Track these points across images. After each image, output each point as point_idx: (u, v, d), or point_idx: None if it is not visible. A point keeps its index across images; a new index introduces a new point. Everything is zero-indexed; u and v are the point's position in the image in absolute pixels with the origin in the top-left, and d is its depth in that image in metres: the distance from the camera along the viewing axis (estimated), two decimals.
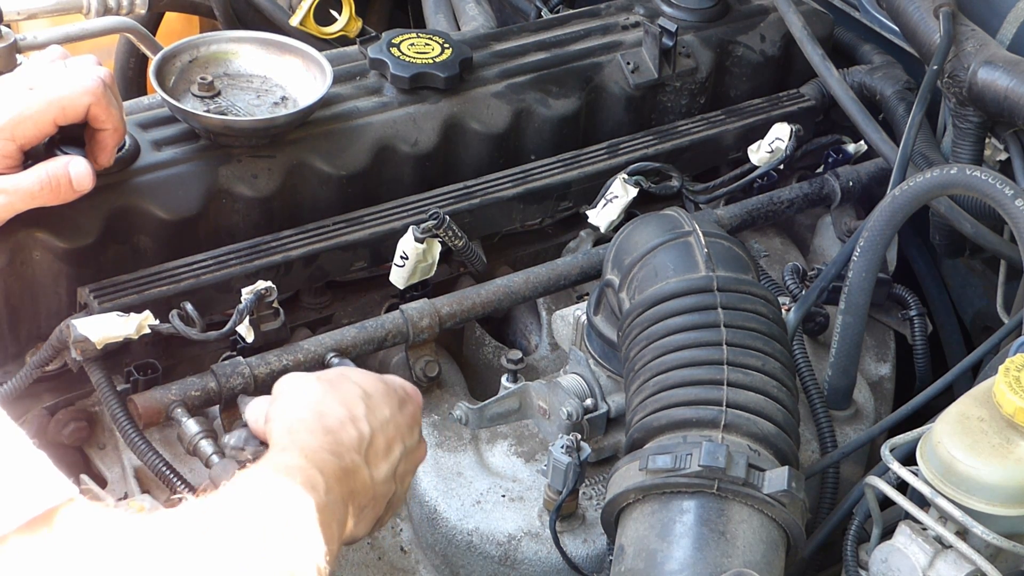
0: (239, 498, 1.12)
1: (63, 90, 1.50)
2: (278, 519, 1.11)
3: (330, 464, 1.20)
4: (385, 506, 1.31)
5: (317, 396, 1.28)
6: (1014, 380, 1.26)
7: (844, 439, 1.70)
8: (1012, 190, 1.50)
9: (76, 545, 1.02)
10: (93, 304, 1.55)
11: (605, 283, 1.58)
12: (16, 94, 1.50)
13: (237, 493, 1.12)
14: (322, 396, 1.28)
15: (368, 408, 1.29)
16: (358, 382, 1.32)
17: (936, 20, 1.78)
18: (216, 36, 1.79)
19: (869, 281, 1.64)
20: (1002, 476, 1.25)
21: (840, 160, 1.99)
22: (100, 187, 1.57)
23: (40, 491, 1.03)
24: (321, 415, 1.25)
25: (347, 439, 1.24)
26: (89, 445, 1.62)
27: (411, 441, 1.34)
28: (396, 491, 1.32)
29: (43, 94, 1.50)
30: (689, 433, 1.37)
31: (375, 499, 1.28)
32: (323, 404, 1.27)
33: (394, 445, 1.30)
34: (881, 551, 1.35)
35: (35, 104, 1.49)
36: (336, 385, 1.30)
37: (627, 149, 1.90)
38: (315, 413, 1.25)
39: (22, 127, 1.48)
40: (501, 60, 1.91)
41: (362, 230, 1.71)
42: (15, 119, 1.48)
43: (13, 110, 1.48)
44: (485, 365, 1.81)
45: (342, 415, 1.26)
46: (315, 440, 1.22)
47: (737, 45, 2.02)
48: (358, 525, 1.26)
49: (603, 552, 1.53)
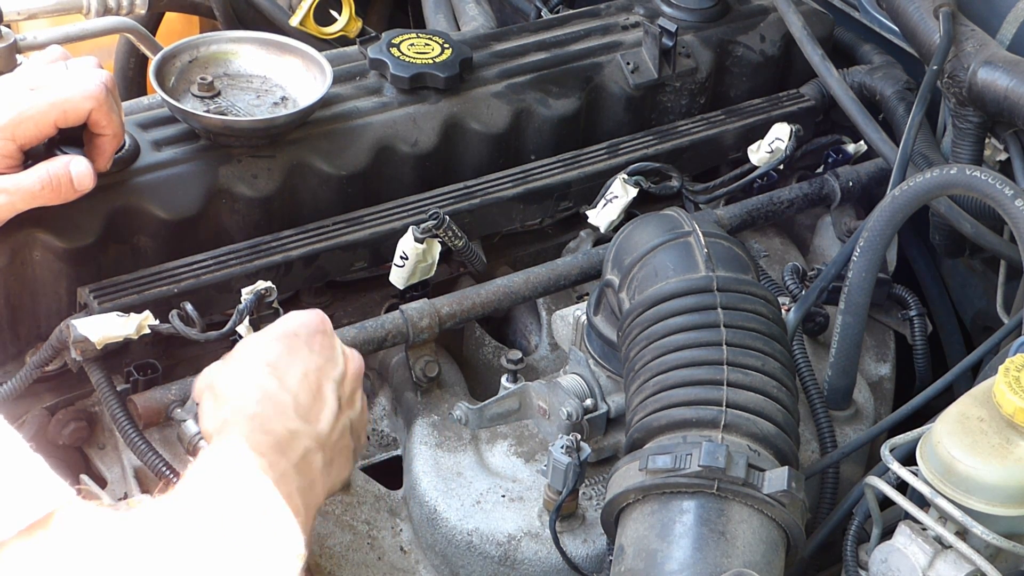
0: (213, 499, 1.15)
1: (65, 93, 1.50)
2: (253, 509, 1.15)
3: (265, 443, 1.22)
4: (352, 435, 1.35)
5: (231, 389, 1.30)
6: (1014, 380, 1.26)
7: (844, 439, 1.70)
8: (1012, 190, 1.50)
9: (74, 547, 1.03)
10: (93, 304, 1.55)
11: (605, 283, 1.58)
12: (17, 94, 1.50)
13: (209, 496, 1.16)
14: (236, 386, 1.30)
15: (278, 379, 1.30)
16: (260, 357, 1.33)
17: (936, 20, 1.78)
18: (216, 36, 1.79)
19: (869, 281, 1.64)
20: (1002, 476, 1.25)
21: (840, 160, 1.99)
22: (100, 187, 1.57)
23: (38, 495, 1.03)
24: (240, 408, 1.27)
25: (274, 413, 1.27)
26: (89, 445, 1.62)
27: (336, 369, 1.36)
28: (352, 417, 1.36)
29: (45, 96, 1.50)
30: (689, 433, 1.37)
31: (337, 444, 1.31)
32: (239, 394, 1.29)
33: (322, 389, 1.32)
34: (881, 551, 1.35)
35: (36, 105, 1.49)
36: (242, 371, 1.32)
37: (627, 149, 1.90)
38: (235, 407, 1.27)
39: (23, 127, 1.48)
40: (501, 60, 1.91)
41: (362, 230, 1.71)
42: (16, 119, 1.48)
43: (14, 110, 1.48)
44: (485, 365, 1.81)
45: (259, 395, 1.28)
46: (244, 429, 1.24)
47: (737, 45, 2.02)
48: (336, 472, 1.31)
49: (603, 552, 1.53)
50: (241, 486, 1.18)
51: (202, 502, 1.15)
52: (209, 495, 1.16)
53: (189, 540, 1.10)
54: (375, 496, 1.62)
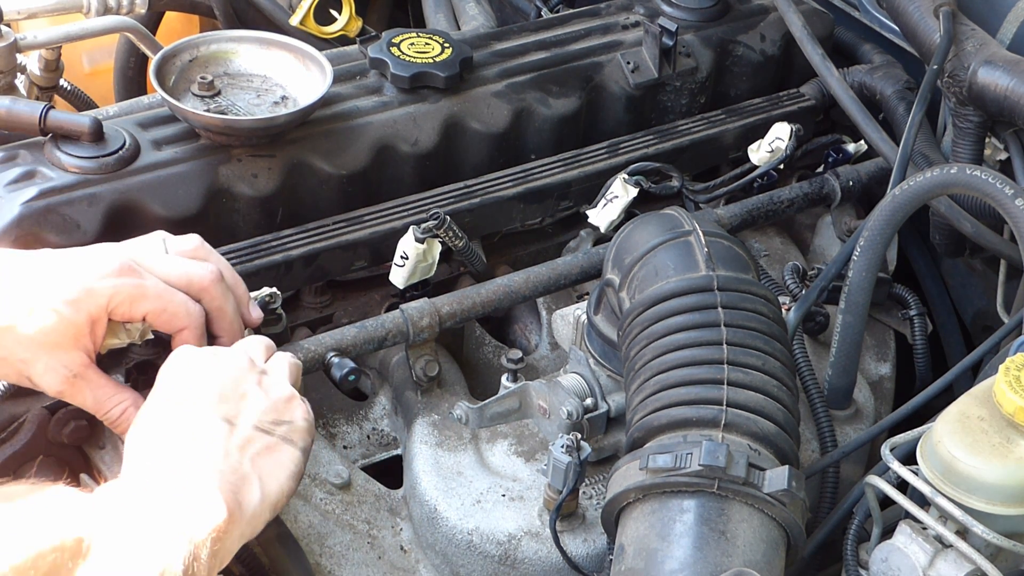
0: None
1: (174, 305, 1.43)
2: None
3: None
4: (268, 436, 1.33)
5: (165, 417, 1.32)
6: (1014, 379, 1.26)
7: (844, 439, 1.70)
8: (1012, 189, 1.50)
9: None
10: None
11: (605, 282, 1.58)
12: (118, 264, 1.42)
13: None
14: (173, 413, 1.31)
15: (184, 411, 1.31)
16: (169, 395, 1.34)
17: (936, 20, 1.78)
18: (216, 35, 1.79)
19: (869, 280, 1.64)
20: (1002, 475, 1.25)
21: (840, 160, 1.99)
22: (100, 186, 1.57)
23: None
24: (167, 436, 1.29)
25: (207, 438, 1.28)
26: (89, 445, 1.62)
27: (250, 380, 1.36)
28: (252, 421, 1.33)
29: (154, 290, 1.42)
30: (689, 432, 1.37)
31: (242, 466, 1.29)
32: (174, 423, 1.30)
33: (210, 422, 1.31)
34: (881, 550, 1.35)
35: (147, 292, 1.41)
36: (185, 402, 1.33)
37: (627, 149, 1.90)
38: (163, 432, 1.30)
39: (119, 308, 1.40)
40: (501, 60, 1.91)
41: (362, 229, 1.71)
42: (117, 296, 1.40)
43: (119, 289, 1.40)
44: (485, 365, 1.81)
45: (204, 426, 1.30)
46: None
47: (737, 45, 2.02)
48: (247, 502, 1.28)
49: (603, 551, 1.53)
50: None
51: None
52: None
53: None
54: (375, 495, 1.62)
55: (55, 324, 1.37)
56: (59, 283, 1.38)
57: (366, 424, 1.71)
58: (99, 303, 1.39)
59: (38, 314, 1.36)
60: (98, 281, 1.38)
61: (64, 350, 1.38)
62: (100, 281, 1.38)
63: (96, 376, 1.42)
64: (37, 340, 1.37)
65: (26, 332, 1.36)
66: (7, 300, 1.37)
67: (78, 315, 1.38)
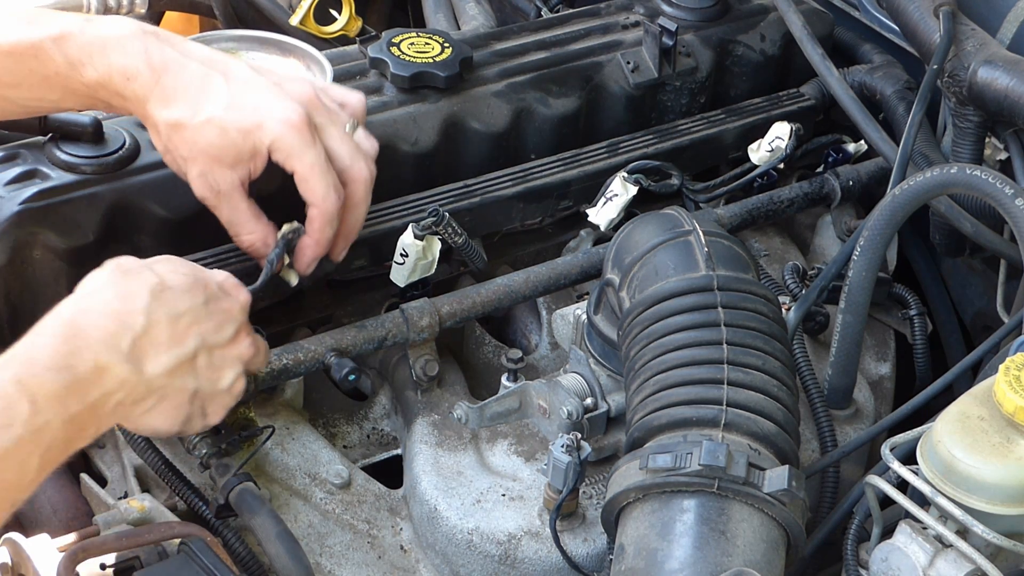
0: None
1: None
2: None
3: (47, 385, 1.21)
4: (191, 401, 1.34)
5: (93, 288, 1.31)
6: (1014, 379, 1.26)
7: (844, 438, 1.70)
8: (1012, 189, 1.50)
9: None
10: None
11: (605, 282, 1.58)
12: None
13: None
14: (100, 288, 1.31)
15: (154, 299, 1.30)
16: (158, 272, 1.33)
17: (936, 19, 1.78)
18: (216, 35, 1.79)
19: (869, 280, 1.64)
20: (1002, 475, 1.25)
21: (840, 159, 1.99)
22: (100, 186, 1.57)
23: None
24: (81, 312, 1.27)
25: (98, 336, 1.26)
26: (89, 445, 1.62)
27: (217, 336, 1.35)
28: (200, 386, 1.35)
29: (310, 159, 1.48)
30: (689, 432, 1.37)
31: (154, 392, 1.30)
32: (92, 299, 1.29)
33: (185, 337, 1.32)
34: (881, 550, 1.35)
35: None
36: (128, 275, 1.32)
37: (627, 148, 1.90)
38: (77, 310, 1.28)
39: (275, 155, 1.48)
40: (501, 59, 1.91)
41: (362, 228, 1.70)
42: None
43: None
44: (485, 364, 1.81)
45: (109, 309, 1.28)
46: (44, 352, 1.23)
47: (737, 44, 2.02)
48: (152, 419, 1.31)
49: (603, 551, 1.53)
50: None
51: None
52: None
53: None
54: (375, 495, 1.62)
55: (220, 142, 1.45)
56: (241, 107, 1.46)
57: (366, 424, 1.71)
58: (263, 141, 1.46)
59: (210, 127, 1.45)
60: (273, 123, 1.46)
61: (221, 167, 1.47)
62: (275, 124, 1.46)
63: (240, 200, 1.51)
64: (200, 147, 1.46)
65: (193, 137, 1.45)
66: (191, 99, 1.45)
67: (244, 143, 1.46)
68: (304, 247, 1.54)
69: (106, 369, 1.26)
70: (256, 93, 1.47)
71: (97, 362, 1.25)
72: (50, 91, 1.49)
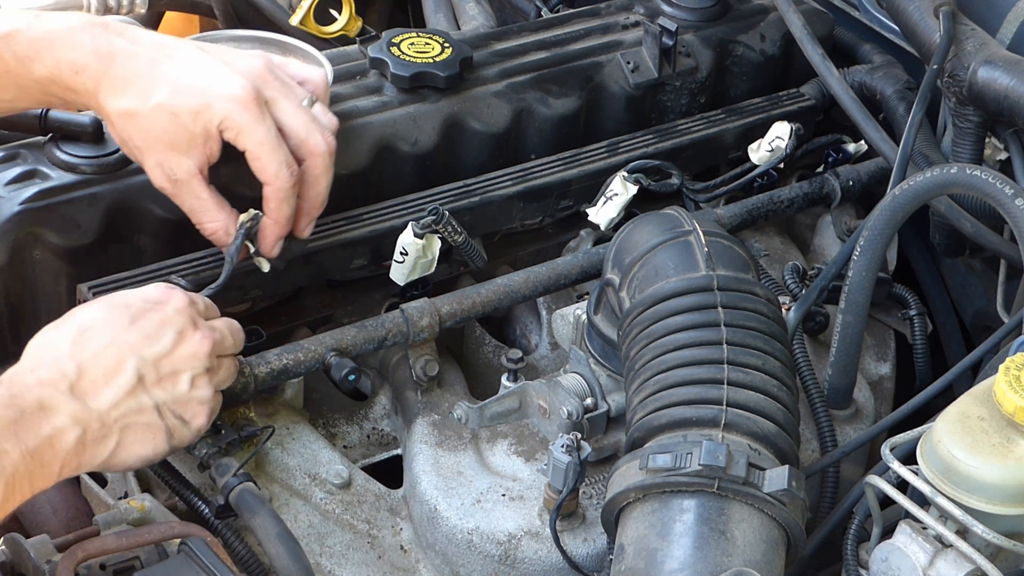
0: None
1: None
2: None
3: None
4: (161, 416, 1.35)
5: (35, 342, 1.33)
6: (1014, 379, 1.26)
7: (844, 438, 1.70)
8: (1012, 189, 1.50)
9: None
10: None
11: (605, 282, 1.58)
12: None
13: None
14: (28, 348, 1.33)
15: (74, 345, 1.31)
16: (77, 319, 1.34)
17: (936, 19, 1.78)
18: (216, 35, 1.79)
19: (869, 280, 1.64)
20: (1002, 475, 1.25)
21: (840, 159, 1.99)
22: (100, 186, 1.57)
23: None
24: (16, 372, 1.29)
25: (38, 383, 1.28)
26: None
27: (155, 348, 1.35)
28: (159, 399, 1.34)
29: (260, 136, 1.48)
30: (689, 432, 1.37)
31: (112, 425, 1.31)
32: (24, 359, 1.31)
33: (121, 365, 1.32)
34: (881, 550, 1.35)
35: None
36: (49, 330, 1.34)
37: (627, 148, 1.90)
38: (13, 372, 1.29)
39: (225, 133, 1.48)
40: (501, 59, 1.91)
41: (361, 228, 1.71)
42: None
43: None
44: (485, 365, 1.81)
45: (39, 363, 1.30)
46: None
47: (737, 44, 2.02)
48: (127, 448, 1.32)
49: (603, 551, 1.53)
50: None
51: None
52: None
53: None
54: (375, 495, 1.62)
55: (172, 127, 1.44)
56: (188, 90, 1.44)
57: (366, 424, 1.71)
58: (213, 121, 1.44)
59: (161, 112, 1.43)
60: (220, 101, 1.44)
61: (176, 153, 1.46)
62: (221, 102, 1.44)
63: (201, 188, 1.49)
64: (154, 134, 1.45)
65: (145, 125, 1.44)
66: (140, 87, 1.44)
67: (195, 125, 1.44)
68: (264, 228, 1.52)
69: (50, 406, 1.27)
70: (202, 73, 1.45)
71: (40, 399, 1.27)
72: (3, 91, 1.48)
